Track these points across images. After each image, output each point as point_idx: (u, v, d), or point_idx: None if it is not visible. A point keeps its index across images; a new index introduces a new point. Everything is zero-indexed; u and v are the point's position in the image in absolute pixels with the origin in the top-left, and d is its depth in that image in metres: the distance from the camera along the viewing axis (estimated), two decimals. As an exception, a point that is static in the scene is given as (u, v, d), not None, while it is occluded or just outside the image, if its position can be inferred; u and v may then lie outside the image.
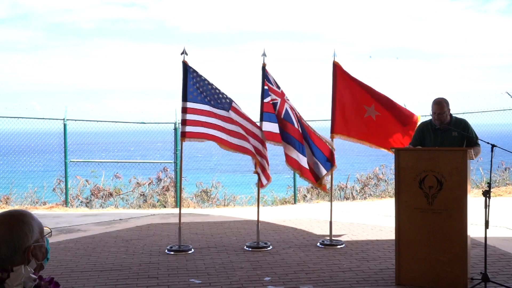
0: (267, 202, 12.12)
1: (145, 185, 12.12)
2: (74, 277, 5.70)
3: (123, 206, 11.67)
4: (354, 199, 12.36)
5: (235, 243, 7.21)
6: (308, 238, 7.51)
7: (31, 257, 1.91)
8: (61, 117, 11.37)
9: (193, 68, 6.82)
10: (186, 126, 6.79)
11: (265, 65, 6.88)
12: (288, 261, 6.26)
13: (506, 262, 6.03)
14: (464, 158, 5.02)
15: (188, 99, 6.76)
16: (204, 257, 6.48)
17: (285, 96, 6.96)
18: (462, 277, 5.01)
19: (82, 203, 11.58)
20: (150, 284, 5.42)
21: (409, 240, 5.19)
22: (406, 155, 5.26)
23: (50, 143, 13.10)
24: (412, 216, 5.16)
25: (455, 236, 5.02)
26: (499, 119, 13.72)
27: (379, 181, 13.00)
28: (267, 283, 5.42)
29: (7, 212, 1.95)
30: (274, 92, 6.91)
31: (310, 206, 11.04)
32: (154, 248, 6.96)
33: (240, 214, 9.80)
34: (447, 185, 5.03)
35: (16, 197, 11.51)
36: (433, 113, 5.60)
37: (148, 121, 12.18)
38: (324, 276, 5.64)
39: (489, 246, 5.66)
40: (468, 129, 5.62)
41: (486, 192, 4.81)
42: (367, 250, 6.70)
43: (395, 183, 5.36)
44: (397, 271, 5.26)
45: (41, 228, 1.97)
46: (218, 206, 11.70)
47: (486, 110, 13.30)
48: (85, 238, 7.69)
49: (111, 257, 6.54)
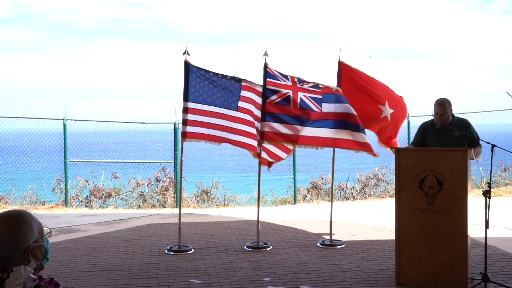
0: (267, 202, 12.12)
1: (144, 185, 12.11)
2: (74, 277, 5.70)
3: (123, 206, 11.67)
4: (354, 199, 12.36)
5: (235, 243, 7.21)
6: (308, 238, 7.51)
7: (31, 257, 1.90)
8: (61, 117, 11.36)
9: (197, 67, 6.76)
10: (187, 126, 6.78)
11: (267, 65, 6.85)
12: (288, 261, 6.25)
13: (506, 262, 6.03)
14: (464, 158, 5.02)
15: (189, 99, 6.75)
16: (204, 257, 6.48)
17: (297, 85, 6.78)
18: (462, 277, 5.00)
19: (81, 203, 11.57)
20: (150, 284, 5.42)
21: (409, 240, 5.18)
22: (406, 155, 5.26)
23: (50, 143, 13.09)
24: (412, 216, 5.16)
25: (455, 236, 5.02)
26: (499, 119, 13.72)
27: (379, 181, 13.00)
28: (267, 283, 5.42)
29: (6, 212, 1.95)
30: (283, 87, 6.79)
31: (310, 206, 11.04)
32: (154, 248, 6.95)
33: (240, 214, 9.80)
34: (447, 185, 5.03)
35: (16, 197, 11.51)
36: (435, 114, 5.59)
37: (148, 121, 12.18)
38: (324, 276, 5.63)
39: (489, 246, 5.65)
40: (470, 129, 5.62)
41: (486, 192, 4.81)
42: (367, 250, 6.70)
43: (395, 183, 5.35)
44: (397, 271, 5.26)
45: (41, 228, 1.96)
46: (218, 206, 11.69)
47: (486, 110, 13.29)
48: (85, 238, 7.69)
49: (111, 257, 6.54)
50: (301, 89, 6.78)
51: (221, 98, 6.83)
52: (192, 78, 6.75)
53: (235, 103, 6.86)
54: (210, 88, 6.81)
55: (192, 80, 6.75)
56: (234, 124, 6.92)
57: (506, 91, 12.59)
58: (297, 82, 6.80)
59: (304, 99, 6.75)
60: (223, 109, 6.85)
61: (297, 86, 6.78)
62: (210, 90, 6.81)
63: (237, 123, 6.92)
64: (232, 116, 6.89)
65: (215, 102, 6.82)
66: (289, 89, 6.79)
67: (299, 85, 6.77)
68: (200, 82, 6.78)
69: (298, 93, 6.77)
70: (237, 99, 6.85)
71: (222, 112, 6.85)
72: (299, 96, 6.76)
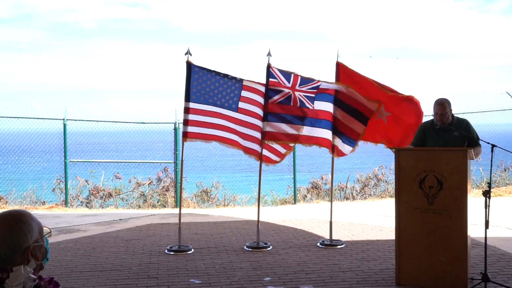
0: (267, 202, 12.12)
1: (145, 185, 12.11)
2: (74, 277, 5.70)
3: (123, 206, 11.67)
4: (354, 199, 12.36)
5: (235, 243, 7.21)
6: (308, 238, 7.51)
7: (31, 257, 1.90)
8: (61, 117, 11.37)
9: (199, 67, 6.76)
10: (188, 127, 6.77)
11: (270, 65, 6.85)
12: (288, 261, 6.25)
13: (506, 262, 6.03)
14: (464, 158, 5.02)
15: (191, 99, 6.74)
16: (204, 257, 6.48)
17: (296, 87, 6.84)
18: (462, 277, 5.00)
19: (82, 203, 11.57)
20: (150, 284, 5.42)
21: (409, 240, 5.18)
22: (406, 155, 5.26)
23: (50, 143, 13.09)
24: (412, 216, 5.16)
25: (455, 236, 5.02)
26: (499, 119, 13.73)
27: (379, 181, 13.00)
28: (267, 283, 5.42)
29: (6, 212, 1.95)
30: (284, 87, 6.83)
31: (310, 206, 11.04)
32: (154, 248, 6.95)
33: (240, 214, 9.80)
34: (447, 185, 5.03)
35: (16, 197, 11.51)
36: (435, 114, 5.59)
37: (148, 121, 12.18)
38: (324, 276, 5.64)
39: (489, 246, 5.65)
40: (470, 129, 5.62)
41: (486, 192, 4.81)
42: (367, 250, 6.70)
43: (395, 183, 5.35)
44: (397, 271, 5.26)
45: (41, 228, 1.96)
46: (218, 206, 11.69)
47: (486, 110, 13.30)
48: (85, 238, 7.69)
49: (111, 257, 6.54)
50: (299, 90, 6.84)
51: (222, 99, 6.83)
52: (194, 78, 6.75)
53: (235, 104, 6.87)
54: (212, 88, 6.81)
55: (194, 80, 6.75)
56: (235, 126, 6.93)
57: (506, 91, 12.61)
58: (297, 84, 6.83)
59: (301, 98, 6.85)
60: (224, 109, 6.85)
61: (296, 88, 6.84)
62: (211, 90, 6.81)
63: (237, 125, 6.93)
64: (232, 117, 6.89)
65: (216, 103, 6.83)
66: (289, 89, 6.84)
67: (298, 87, 6.83)
68: (202, 83, 6.77)
69: (296, 93, 6.83)
70: (238, 100, 6.85)
71: (223, 112, 6.85)
72: (298, 97, 6.83)
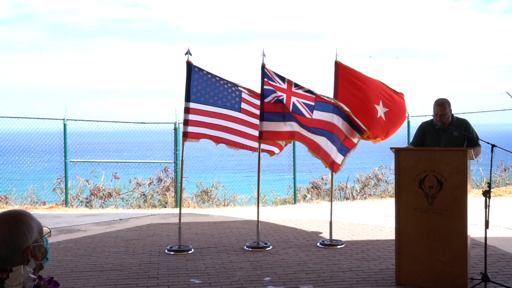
0: (267, 202, 12.12)
1: (146, 185, 12.12)
2: (74, 277, 5.70)
3: (123, 206, 11.67)
4: (354, 199, 12.36)
5: (235, 243, 7.21)
6: (308, 238, 7.51)
7: (31, 257, 1.90)
8: (61, 117, 11.37)
9: (199, 68, 6.77)
10: (188, 127, 6.78)
11: (265, 65, 6.86)
12: (288, 261, 6.25)
13: (506, 262, 6.03)
14: (464, 158, 5.02)
15: (191, 99, 6.75)
16: (204, 257, 6.48)
17: (292, 89, 6.83)
18: (462, 277, 5.00)
19: (82, 203, 11.58)
20: (150, 284, 5.42)
21: (409, 240, 5.18)
22: (406, 155, 5.26)
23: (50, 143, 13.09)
24: (412, 216, 5.16)
25: (455, 236, 5.02)
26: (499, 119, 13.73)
27: (379, 181, 13.00)
28: (267, 283, 5.42)
29: (6, 212, 1.95)
30: (278, 89, 6.82)
31: (310, 206, 11.04)
32: (154, 248, 6.95)
33: (240, 214, 9.80)
34: (447, 185, 5.03)
35: (16, 197, 11.51)
36: (435, 115, 5.59)
37: (148, 121, 12.18)
38: (324, 276, 5.64)
39: (489, 246, 5.65)
40: (469, 129, 5.62)
41: (486, 192, 4.81)
42: (367, 250, 6.70)
43: (395, 183, 5.35)
44: (397, 271, 5.26)
45: (40, 228, 1.96)
46: (218, 206, 11.70)
47: (486, 110, 13.30)
48: (85, 238, 7.69)
49: (111, 257, 6.54)
50: (295, 93, 6.83)
51: (223, 99, 6.84)
52: (194, 78, 6.76)
53: (238, 104, 6.88)
54: (212, 88, 6.82)
55: (194, 80, 6.76)
56: (235, 125, 6.94)
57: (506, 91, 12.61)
58: (292, 86, 6.84)
59: (296, 104, 6.81)
60: (224, 109, 6.86)
61: (292, 90, 6.82)
62: (212, 90, 6.82)
63: (238, 124, 6.94)
64: (234, 117, 6.90)
65: (217, 103, 6.83)
66: (284, 92, 6.82)
67: (294, 89, 6.82)
68: (202, 83, 6.79)
69: (292, 97, 6.82)
70: (240, 101, 6.87)
71: (223, 112, 6.86)
72: (292, 101, 6.81)
